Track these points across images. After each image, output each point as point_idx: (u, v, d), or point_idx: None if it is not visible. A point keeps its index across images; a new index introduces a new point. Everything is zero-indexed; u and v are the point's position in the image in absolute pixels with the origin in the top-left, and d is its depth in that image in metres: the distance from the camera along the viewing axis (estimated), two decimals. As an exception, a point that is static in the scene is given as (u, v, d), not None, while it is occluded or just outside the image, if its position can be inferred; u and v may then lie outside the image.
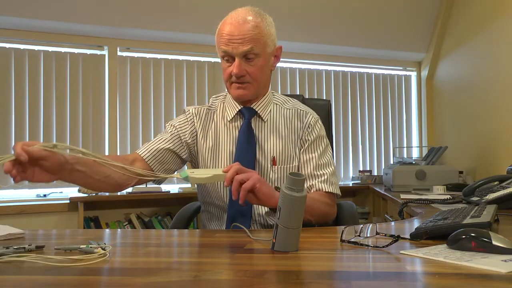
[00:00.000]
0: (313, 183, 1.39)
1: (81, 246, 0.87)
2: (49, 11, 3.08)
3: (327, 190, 1.38)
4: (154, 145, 1.36)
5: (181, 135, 1.41)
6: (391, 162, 3.86)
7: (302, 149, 1.42)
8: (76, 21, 3.18)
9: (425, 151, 3.79)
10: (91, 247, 0.86)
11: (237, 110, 1.41)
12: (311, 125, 1.43)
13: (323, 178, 1.39)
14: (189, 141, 1.41)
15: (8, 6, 2.98)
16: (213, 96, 1.52)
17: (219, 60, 1.39)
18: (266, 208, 1.36)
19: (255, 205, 1.35)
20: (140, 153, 1.34)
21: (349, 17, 3.73)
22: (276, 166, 1.38)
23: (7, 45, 3.19)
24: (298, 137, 1.43)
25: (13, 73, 3.19)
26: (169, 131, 1.42)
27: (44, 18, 3.09)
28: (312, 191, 1.38)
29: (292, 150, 1.41)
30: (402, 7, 3.80)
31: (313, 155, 1.41)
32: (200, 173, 1.10)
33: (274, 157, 1.39)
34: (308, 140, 1.42)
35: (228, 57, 1.33)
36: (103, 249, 0.85)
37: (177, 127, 1.42)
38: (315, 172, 1.39)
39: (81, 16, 3.16)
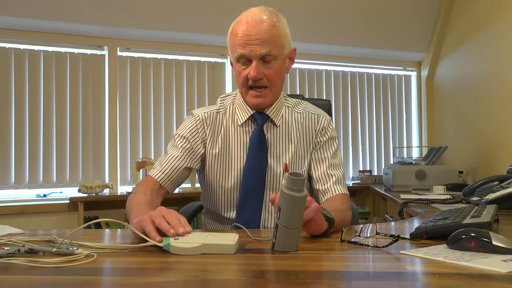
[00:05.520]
0: (328, 186, 1.34)
1: (69, 248, 0.85)
2: (49, 11, 3.07)
3: (343, 192, 1.34)
4: (168, 166, 1.32)
5: (194, 147, 1.35)
6: (391, 162, 3.86)
7: (314, 150, 1.39)
8: (76, 21, 3.18)
9: (425, 151, 3.79)
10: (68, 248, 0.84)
11: (249, 115, 1.36)
12: (325, 127, 1.40)
13: (335, 179, 1.35)
14: (201, 150, 1.36)
15: (8, 6, 2.98)
16: (221, 96, 1.46)
17: (219, 60, 1.38)
18: (272, 221, 1.35)
19: (262, 218, 1.34)
20: (155, 177, 1.31)
21: (349, 17, 3.73)
22: (288, 173, 1.36)
23: (7, 45, 3.19)
24: (311, 140, 1.39)
25: (13, 73, 3.19)
26: (180, 146, 1.34)
27: (44, 18, 3.09)
28: (328, 196, 1.33)
29: (303, 155, 1.38)
30: (402, 7, 3.80)
31: (327, 154, 1.38)
32: (185, 241, 0.88)
33: (286, 164, 1.36)
34: (321, 141, 1.39)
35: (244, 60, 1.27)
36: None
37: (189, 139, 1.35)
38: (329, 171, 1.36)
39: (81, 16, 3.16)
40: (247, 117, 1.36)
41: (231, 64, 1.36)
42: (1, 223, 1.23)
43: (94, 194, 3.07)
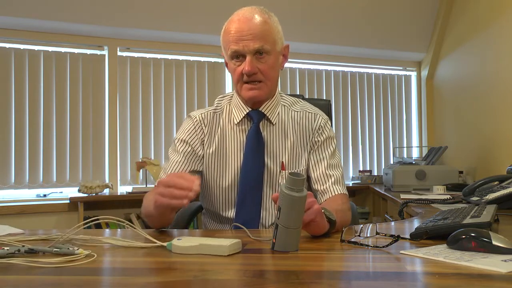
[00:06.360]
0: (326, 186, 1.34)
1: (69, 248, 0.85)
2: (49, 11, 3.07)
3: (342, 192, 1.34)
4: (172, 172, 1.34)
5: (195, 149, 1.37)
6: (391, 162, 3.85)
7: (312, 150, 1.39)
8: (76, 21, 3.17)
9: (425, 151, 3.79)
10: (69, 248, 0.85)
11: (245, 113, 1.36)
12: (322, 126, 1.40)
13: (333, 179, 1.35)
14: (201, 151, 1.38)
15: (8, 6, 2.98)
16: (219, 97, 1.47)
17: (219, 60, 1.38)
18: (271, 220, 1.35)
19: (262, 216, 1.35)
20: None
21: (349, 17, 3.73)
22: (284, 171, 1.35)
23: (7, 45, 3.19)
24: (308, 139, 1.39)
25: (13, 73, 3.19)
26: (181, 151, 1.36)
27: (44, 18, 3.09)
28: (327, 197, 1.33)
29: (301, 153, 1.38)
30: (402, 7, 3.80)
31: (325, 154, 1.38)
32: (186, 241, 0.90)
33: (283, 162, 1.36)
34: (319, 141, 1.39)
35: (238, 56, 1.29)
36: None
37: (189, 141, 1.37)
38: (328, 172, 1.35)
39: (81, 16, 3.16)
40: (243, 115, 1.37)
41: (226, 64, 1.37)
42: (1, 223, 1.23)
43: (94, 194, 3.07)
